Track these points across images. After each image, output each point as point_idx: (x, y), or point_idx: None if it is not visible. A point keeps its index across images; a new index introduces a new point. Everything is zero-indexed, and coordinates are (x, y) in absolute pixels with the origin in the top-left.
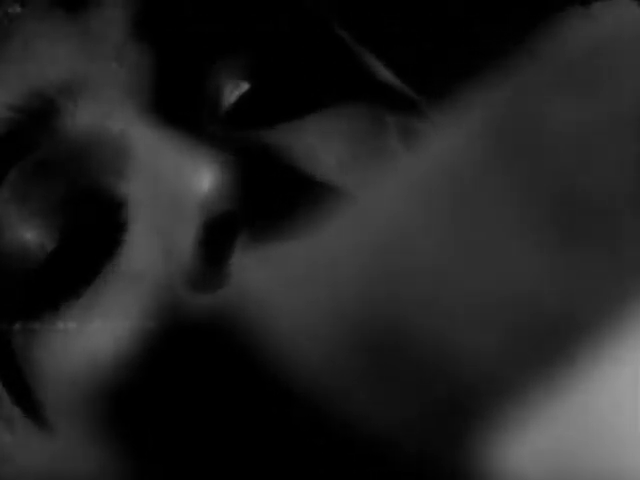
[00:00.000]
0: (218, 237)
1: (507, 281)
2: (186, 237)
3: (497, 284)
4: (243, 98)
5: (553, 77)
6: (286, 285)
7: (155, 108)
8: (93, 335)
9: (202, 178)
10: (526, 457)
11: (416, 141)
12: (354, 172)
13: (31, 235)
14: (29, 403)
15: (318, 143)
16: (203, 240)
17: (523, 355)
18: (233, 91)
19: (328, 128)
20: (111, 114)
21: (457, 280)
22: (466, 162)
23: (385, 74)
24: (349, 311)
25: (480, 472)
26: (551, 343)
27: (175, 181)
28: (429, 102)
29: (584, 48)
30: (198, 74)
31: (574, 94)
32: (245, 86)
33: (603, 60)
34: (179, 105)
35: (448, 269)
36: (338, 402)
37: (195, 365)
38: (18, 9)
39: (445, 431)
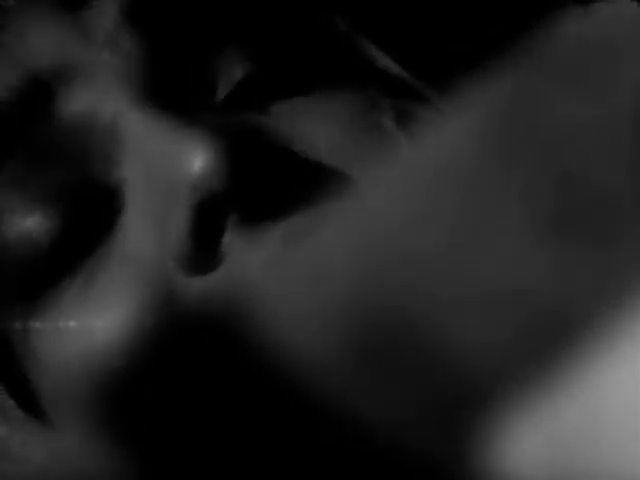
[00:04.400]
0: (210, 219)
1: (508, 278)
2: (179, 220)
3: (498, 281)
4: (237, 84)
5: (553, 75)
6: (284, 281)
7: (147, 94)
8: (90, 331)
9: (193, 160)
10: (525, 456)
11: (416, 128)
12: (348, 155)
13: (32, 221)
14: (25, 397)
15: (312, 126)
16: (195, 223)
17: (523, 353)
18: (227, 77)
19: (322, 111)
20: (104, 101)
21: (458, 277)
22: (467, 158)
23: (384, 61)
24: (348, 308)
25: (479, 471)
26: (551, 341)
27: (167, 165)
28: (431, 97)
29: (583, 46)
30: (191, 61)
31: (574, 92)
32: (239, 72)
33: (602, 58)
34: (171, 91)
35: (449, 266)
36: (337, 400)
37: (191, 357)
38: (12, 2)
39: (444, 430)
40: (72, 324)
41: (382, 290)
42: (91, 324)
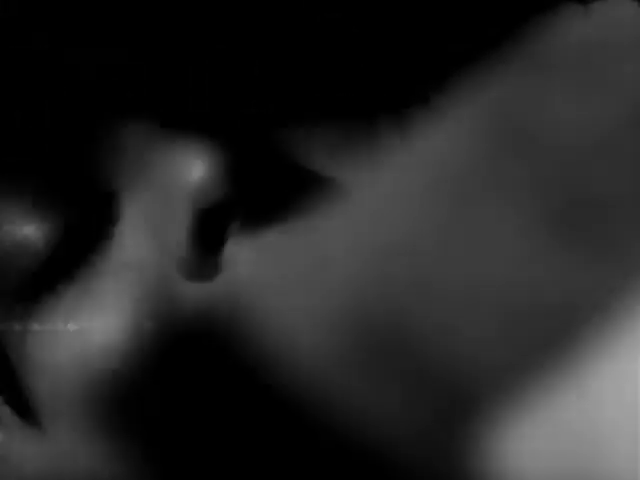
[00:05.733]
0: (210, 226)
1: (507, 279)
2: (179, 227)
3: (496, 282)
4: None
5: (553, 75)
6: (284, 284)
7: (147, 101)
8: (89, 334)
9: (192, 167)
10: (525, 456)
11: (412, 134)
12: (346, 159)
13: (30, 229)
14: (22, 402)
15: (310, 130)
16: (195, 229)
17: (524, 352)
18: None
19: (321, 117)
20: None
21: (456, 277)
22: (464, 160)
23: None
24: (348, 310)
25: (479, 471)
26: (552, 340)
27: (166, 171)
28: (427, 97)
29: (582, 46)
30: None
31: (574, 92)
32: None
33: (602, 58)
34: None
35: (447, 266)
36: (337, 400)
37: (191, 361)
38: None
39: (445, 429)
40: (71, 326)
41: (380, 292)
42: (89, 327)
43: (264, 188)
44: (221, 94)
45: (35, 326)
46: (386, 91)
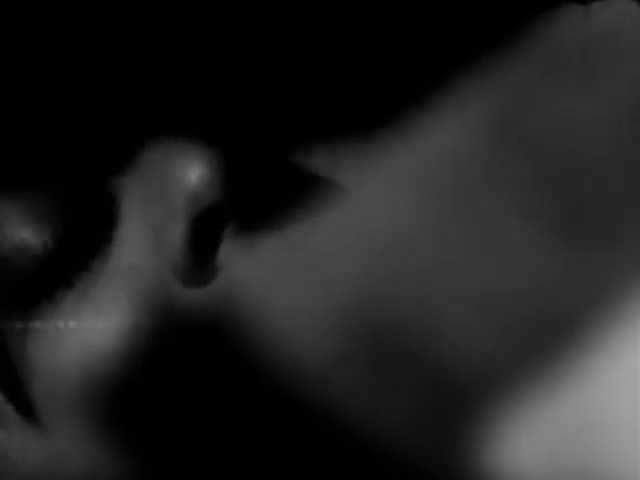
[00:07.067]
0: (207, 230)
1: (506, 278)
2: (176, 231)
3: (495, 281)
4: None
5: (552, 74)
6: (282, 283)
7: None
8: (89, 334)
9: (190, 171)
10: (524, 455)
11: (412, 133)
12: (346, 161)
13: (28, 232)
14: (23, 401)
15: (307, 132)
16: (192, 234)
17: (522, 353)
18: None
19: (319, 118)
20: None
21: (456, 277)
22: (464, 159)
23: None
24: (346, 310)
25: (478, 471)
26: (550, 341)
27: (164, 176)
28: (427, 95)
29: (582, 44)
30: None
31: (573, 91)
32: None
33: (602, 58)
34: (169, 102)
35: (446, 266)
36: (337, 400)
37: (189, 361)
38: None
39: (444, 430)
40: (71, 326)
41: (380, 291)
42: (89, 329)
43: (261, 191)
44: (218, 97)
45: (35, 325)
46: (386, 91)
